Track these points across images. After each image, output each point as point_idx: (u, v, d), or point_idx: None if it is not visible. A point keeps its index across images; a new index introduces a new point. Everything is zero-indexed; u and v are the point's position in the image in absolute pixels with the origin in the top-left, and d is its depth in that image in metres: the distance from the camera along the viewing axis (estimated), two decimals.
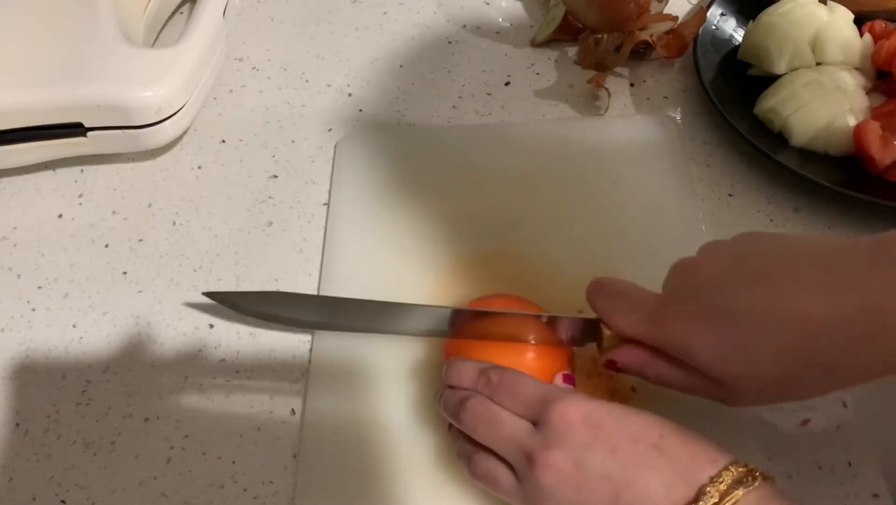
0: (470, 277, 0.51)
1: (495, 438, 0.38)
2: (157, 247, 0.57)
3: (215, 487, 0.45)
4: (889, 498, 0.42)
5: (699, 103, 0.61)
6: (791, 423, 0.45)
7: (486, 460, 0.38)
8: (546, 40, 0.67)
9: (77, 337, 0.52)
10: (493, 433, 0.38)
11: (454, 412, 0.40)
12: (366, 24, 0.71)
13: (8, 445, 0.48)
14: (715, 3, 0.65)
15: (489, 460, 0.38)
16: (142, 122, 0.57)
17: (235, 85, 0.67)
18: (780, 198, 0.55)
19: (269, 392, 0.49)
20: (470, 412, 0.39)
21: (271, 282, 0.54)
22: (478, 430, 0.38)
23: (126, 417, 0.49)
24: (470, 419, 0.39)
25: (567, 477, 0.35)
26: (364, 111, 0.64)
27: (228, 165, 0.61)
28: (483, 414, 0.38)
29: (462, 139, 0.60)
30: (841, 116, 0.54)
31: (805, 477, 0.43)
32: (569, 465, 0.35)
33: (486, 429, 0.38)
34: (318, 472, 0.45)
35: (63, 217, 0.59)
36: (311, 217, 0.57)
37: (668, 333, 0.38)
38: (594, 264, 0.51)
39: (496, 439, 0.38)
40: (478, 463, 0.39)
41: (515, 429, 0.37)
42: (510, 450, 0.37)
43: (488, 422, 0.38)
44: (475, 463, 0.39)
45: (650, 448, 0.34)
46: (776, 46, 0.58)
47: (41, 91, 0.56)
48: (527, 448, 0.36)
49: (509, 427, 0.37)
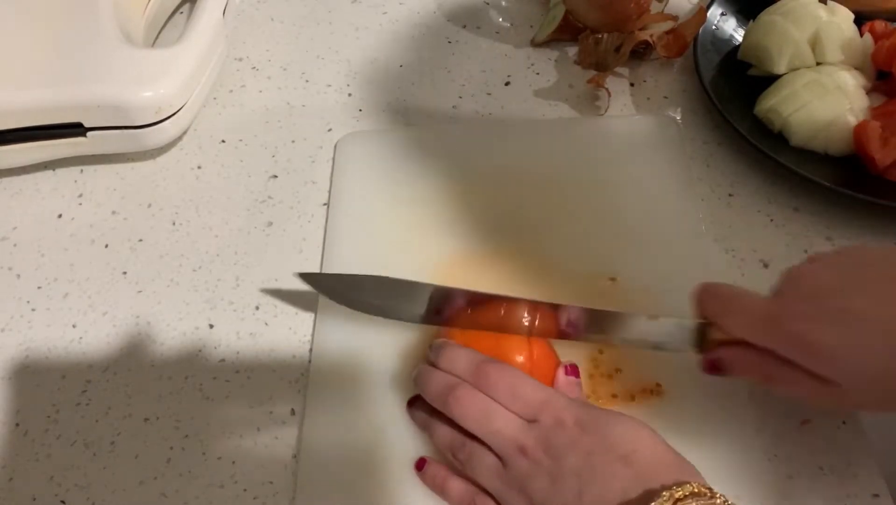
0: (469, 276, 0.51)
1: (486, 430, 0.40)
2: (157, 247, 0.57)
3: (215, 487, 0.45)
4: (889, 498, 0.42)
5: (699, 103, 0.61)
6: (791, 423, 0.45)
7: (472, 446, 0.41)
8: (546, 40, 0.67)
9: (77, 337, 0.52)
10: (484, 426, 0.40)
11: (440, 398, 0.42)
12: (366, 24, 0.71)
13: (8, 445, 0.48)
14: (715, 3, 0.65)
15: (473, 446, 0.40)
16: (142, 122, 0.57)
17: (235, 85, 0.67)
18: (780, 198, 0.55)
19: (269, 392, 0.49)
20: (461, 404, 0.41)
21: (271, 281, 0.54)
22: (468, 420, 0.41)
23: (126, 417, 0.49)
24: (460, 411, 0.41)
25: (546, 469, 0.38)
26: (364, 111, 0.64)
27: (228, 165, 0.61)
28: (477, 407, 0.40)
29: (462, 139, 0.60)
30: (841, 116, 0.54)
31: (805, 477, 0.43)
32: (550, 459, 0.38)
33: (478, 422, 0.40)
34: (318, 472, 0.45)
35: (63, 217, 0.59)
36: (311, 217, 0.57)
37: (785, 335, 0.38)
38: (594, 264, 0.51)
39: (487, 432, 0.40)
40: (461, 448, 0.41)
41: (509, 424, 0.40)
42: (500, 441, 0.40)
43: (482, 415, 0.40)
44: (458, 448, 0.41)
45: (619, 459, 0.37)
46: (776, 46, 0.58)
47: (41, 91, 0.56)
48: (519, 441, 0.39)
49: (503, 422, 0.40)
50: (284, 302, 0.53)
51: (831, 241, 0.53)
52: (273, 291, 0.53)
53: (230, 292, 0.54)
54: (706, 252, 0.52)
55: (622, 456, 0.37)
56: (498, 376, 0.41)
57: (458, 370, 0.42)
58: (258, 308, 0.53)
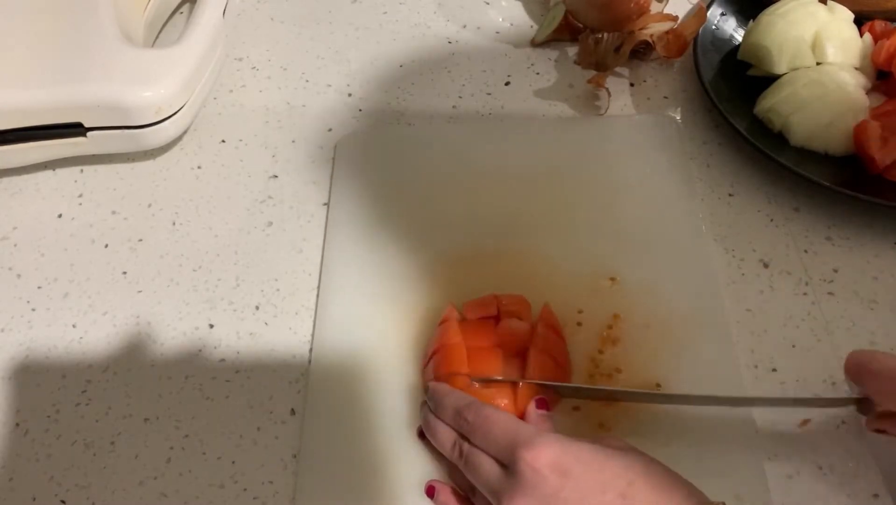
0: (469, 276, 0.51)
1: (474, 479, 0.40)
2: (157, 247, 0.57)
3: (215, 487, 0.45)
4: (889, 498, 0.42)
5: (699, 103, 0.61)
6: (791, 423, 0.45)
7: (477, 495, 0.41)
8: (546, 40, 0.67)
9: (77, 337, 0.52)
10: (471, 475, 0.40)
11: (448, 453, 0.42)
12: (366, 24, 0.71)
13: (8, 445, 0.48)
14: (715, 3, 0.65)
15: (477, 493, 0.40)
16: (142, 122, 0.57)
17: (235, 85, 0.67)
18: (780, 198, 0.55)
19: (269, 392, 0.49)
20: (454, 454, 0.41)
21: (271, 281, 0.54)
22: (461, 469, 0.41)
23: (126, 417, 0.49)
24: (455, 459, 0.41)
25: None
26: (364, 111, 0.64)
27: (228, 165, 0.61)
28: (464, 458, 0.40)
29: (462, 139, 0.60)
30: (841, 116, 0.54)
31: (805, 477, 0.43)
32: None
33: (466, 471, 0.40)
34: (318, 472, 0.45)
35: (63, 217, 0.59)
36: (311, 217, 0.57)
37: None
38: (594, 264, 0.51)
39: (475, 480, 0.40)
40: (471, 492, 0.41)
41: (490, 473, 0.39)
42: (485, 491, 0.39)
43: (467, 465, 0.40)
44: (468, 491, 0.42)
45: (618, 497, 0.35)
46: (776, 46, 0.58)
47: (41, 91, 0.56)
48: (496, 492, 0.38)
49: (485, 471, 0.39)
50: (284, 302, 0.53)
51: (831, 241, 0.53)
52: (273, 291, 0.53)
53: (230, 292, 0.54)
54: (706, 252, 0.52)
55: (620, 494, 0.35)
56: (474, 419, 0.40)
57: (447, 420, 0.42)
58: (258, 308, 0.53)
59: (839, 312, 0.49)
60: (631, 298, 0.50)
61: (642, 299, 0.49)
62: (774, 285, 0.50)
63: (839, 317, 0.49)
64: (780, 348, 0.48)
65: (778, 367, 0.47)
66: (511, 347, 0.46)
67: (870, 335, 0.48)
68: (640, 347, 0.47)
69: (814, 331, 0.48)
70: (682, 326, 0.48)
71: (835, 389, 0.46)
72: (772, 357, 0.47)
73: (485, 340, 0.46)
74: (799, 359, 0.47)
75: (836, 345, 0.48)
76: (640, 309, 0.49)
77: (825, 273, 0.51)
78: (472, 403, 0.41)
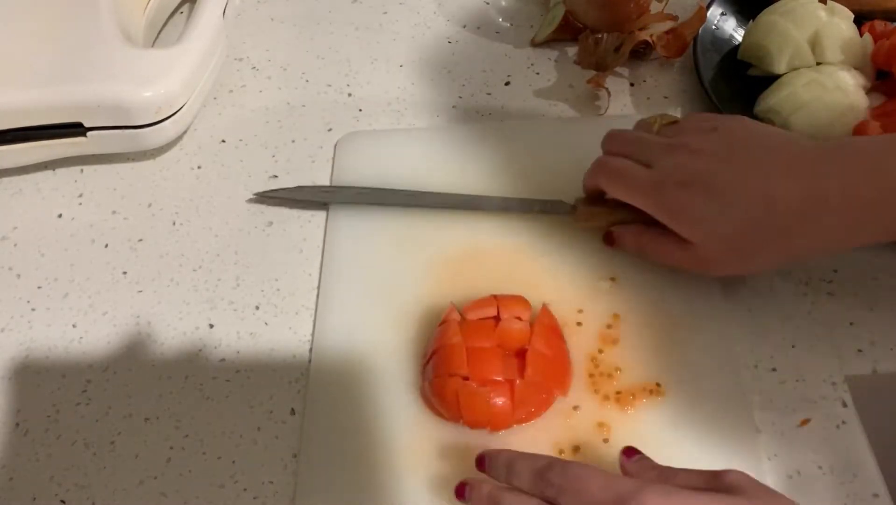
0: (470, 276, 0.51)
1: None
2: (157, 247, 0.57)
3: (215, 487, 0.45)
4: (889, 498, 0.42)
5: (699, 103, 0.61)
6: (791, 423, 0.45)
7: None
8: (546, 40, 0.67)
9: (77, 337, 0.52)
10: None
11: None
12: (366, 24, 0.71)
13: (8, 445, 0.48)
14: (715, 3, 0.65)
15: None
16: (142, 122, 0.57)
17: (235, 85, 0.67)
18: None
19: (269, 392, 0.49)
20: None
21: (271, 281, 0.54)
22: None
23: (126, 417, 0.49)
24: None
25: None
26: (364, 111, 0.64)
27: (228, 165, 0.61)
28: None
29: (462, 139, 0.60)
30: (841, 116, 0.54)
31: (805, 477, 0.43)
32: None
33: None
34: (318, 472, 0.45)
35: (63, 217, 0.59)
36: (311, 217, 0.57)
37: (661, 199, 0.46)
38: (594, 264, 0.51)
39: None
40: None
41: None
42: None
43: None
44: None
45: None
46: (776, 46, 0.58)
47: (41, 91, 0.56)
48: None
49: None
50: (284, 302, 0.53)
51: None
52: (273, 291, 0.53)
53: (230, 292, 0.54)
54: None
55: None
56: (562, 479, 0.37)
57: (525, 485, 0.38)
58: (258, 308, 0.53)
59: (839, 312, 0.49)
60: (631, 298, 0.50)
61: (642, 299, 0.49)
62: (774, 285, 0.50)
63: (839, 317, 0.49)
64: (780, 348, 0.48)
65: (778, 367, 0.47)
66: (510, 347, 0.46)
67: (869, 335, 0.48)
68: (640, 347, 0.47)
69: (814, 331, 0.48)
70: (682, 326, 0.48)
71: (835, 389, 0.46)
72: (772, 357, 0.47)
73: (485, 340, 0.46)
74: (799, 359, 0.47)
75: (836, 345, 0.48)
76: (640, 309, 0.49)
77: (825, 273, 0.51)
78: (553, 462, 0.38)
